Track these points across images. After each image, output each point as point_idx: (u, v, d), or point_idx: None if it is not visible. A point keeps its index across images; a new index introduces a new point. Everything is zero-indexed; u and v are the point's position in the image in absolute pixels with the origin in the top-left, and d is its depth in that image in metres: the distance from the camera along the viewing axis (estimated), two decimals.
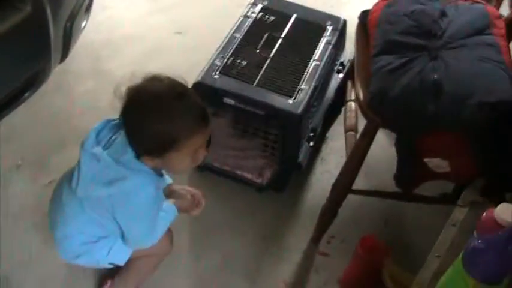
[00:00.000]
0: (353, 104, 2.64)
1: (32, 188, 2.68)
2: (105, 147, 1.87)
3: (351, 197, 2.42)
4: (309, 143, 2.68)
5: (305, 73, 2.59)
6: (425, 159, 2.18)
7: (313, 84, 2.55)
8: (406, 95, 2.10)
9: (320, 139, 2.93)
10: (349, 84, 2.72)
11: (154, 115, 1.77)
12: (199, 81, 2.50)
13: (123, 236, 2.01)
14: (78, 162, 1.93)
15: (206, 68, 2.55)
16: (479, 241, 1.35)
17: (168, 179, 2.17)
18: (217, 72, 2.53)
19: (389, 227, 2.72)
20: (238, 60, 2.60)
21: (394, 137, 2.23)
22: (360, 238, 2.33)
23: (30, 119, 2.92)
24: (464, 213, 1.94)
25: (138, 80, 1.84)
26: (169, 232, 2.18)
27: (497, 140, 2.07)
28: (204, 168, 2.73)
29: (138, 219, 1.93)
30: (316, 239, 2.59)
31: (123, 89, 1.84)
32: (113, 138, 1.90)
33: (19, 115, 2.51)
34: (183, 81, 1.87)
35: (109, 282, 2.32)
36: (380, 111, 2.14)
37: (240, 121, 2.56)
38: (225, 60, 2.59)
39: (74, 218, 2.01)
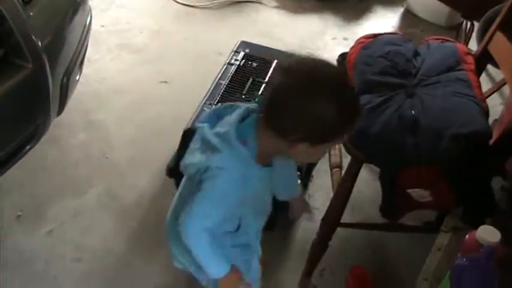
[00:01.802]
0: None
1: (32, 238, 2.77)
2: (214, 124, 1.78)
3: (339, 230, 2.53)
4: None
5: None
6: (408, 190, 2.30)
7: None
8: (386, 132, 2.24)
9: (306, 178, 3.05)
10: None
11: (336, 105, 1.59)
12: (190, 128, 2.61)
13: None
14: None
15: (195, 115, 2.66)
16: (464, 259, 1.48)
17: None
18: None
19: (377, 257, 2.83)
20: None
21: (377, 171, 2.36)
22: (350, 268, 2.45)
23: (27, 172, 3.01)
24: (448, 238, 2.07)
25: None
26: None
27: (471, 170, 2.21)
28: None
29: (206, 195, 1.76)
30: (308, 273, 2.67)
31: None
32: (226, 117, 1.79)
33: (16, 168, 2.60)
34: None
35: None
36: (363, 147, 2.27)
37: None
38: (213, 106, 2.71)
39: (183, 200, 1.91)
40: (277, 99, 1.64)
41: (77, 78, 2.73)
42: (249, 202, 1.86)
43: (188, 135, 2.58)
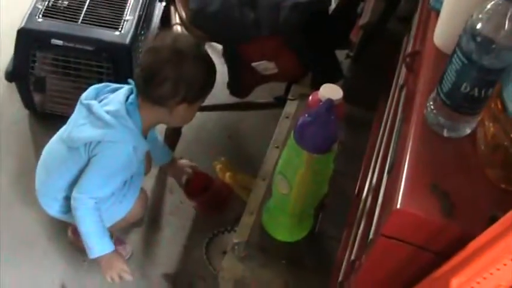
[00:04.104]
0: (179, 28, 2.70)
1: None
2: (101, 103, 1.96)
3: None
4: None
5: (127, 4, 2.63)
6: (253, 64, 2.28)
7: (137, 14, 2.60)
8: (225, 8, 2.22)
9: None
10: (172, 9, 2.77)
11: (202, 66, 1.91)
12: (23, 27, 2.47)
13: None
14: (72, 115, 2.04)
15: (28, 13, 2.52)
16: (306, 115, 1.48)
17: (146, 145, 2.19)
18: (40, 16, 2.52)
19: (233, 140, 2.84)
20: (60, 1, 2.60)
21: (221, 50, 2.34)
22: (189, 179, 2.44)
23: None
24: (296, 105, 2.08)
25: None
26: (141, 197, 2.25)
27: (313, 37, 2.22)
28: (49, 116, 2.74)
29: (102, 168, 1.96)
30: None
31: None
32: (110, 96, 1.99)
33: None
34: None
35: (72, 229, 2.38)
36: (203, 26, 2.25)
37: (72, 61, 2.55)
38: (46, 3, 2.58)
39: (57, 165, 2.06)
40: (152, 74, 1.88)
41: None
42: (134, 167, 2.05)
43: (23, 34, 2.48)
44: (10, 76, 2.61)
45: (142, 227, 2.51)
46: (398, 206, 1.09)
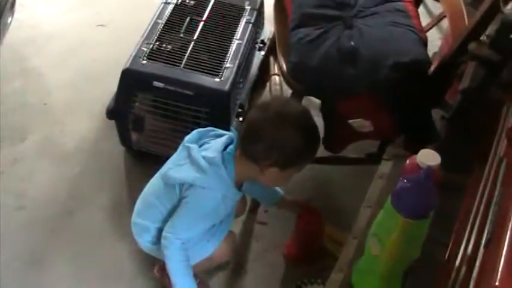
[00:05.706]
0: (277, 78, 2.74)
1: None
2: (201, 147, 2.06)
3: None
4: (238, 118, 2.77)
5: (229, 52, 2.69)
6: (349, 121, 2.30)
7: (237, 62, 2.65)
8: (326, 64, 2.24)
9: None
10: (272, 59, 2.82)
11: (302, 137, 1.91)
12: (128, 68, 2.56)
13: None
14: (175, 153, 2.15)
15: (133, 55, 2.61)
16: (404, 181, 1.49)
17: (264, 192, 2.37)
18: (145, 58, 2.60)
19: (322, 190, 2.85)
20: (164, 45, 2.68)
21: (319, 105, 2.36)
22: (301, 211, 2.45)
23: None
24: (390, 166, 2.08)
25: None
26: (229, 239, 2.34)
27: (411, 98, 2.22)
28: (143, 154, 2.82)
29: (190, 212, 2.05)
30: (253, 209, 2.68)
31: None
32: (211, 141, 2.08)
33: None
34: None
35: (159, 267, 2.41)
36: (302, 80, 2.28)
37: (171, 103, 2.62)
38: (151, 46, 2.66)
39: (154, 198, 2.17)
40: (252, 130, 1.95)
41: (9, 21, 2.64)
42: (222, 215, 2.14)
43: (127, 75, 2.57)
44: (111, 114, 2.69)
45: (227, 271, 2.53)
46: (497, 284, 1.08)
